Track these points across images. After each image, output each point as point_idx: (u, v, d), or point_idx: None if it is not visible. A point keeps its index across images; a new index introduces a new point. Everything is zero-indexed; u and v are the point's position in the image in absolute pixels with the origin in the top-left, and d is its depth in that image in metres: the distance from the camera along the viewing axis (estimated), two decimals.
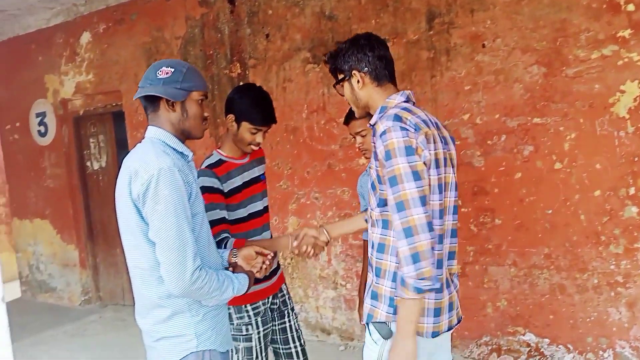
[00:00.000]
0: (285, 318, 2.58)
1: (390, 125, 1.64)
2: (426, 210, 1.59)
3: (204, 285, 1.70)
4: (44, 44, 5.93)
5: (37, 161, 6.17)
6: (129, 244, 1.79)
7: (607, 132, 3.03)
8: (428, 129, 1.69)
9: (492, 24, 3.31)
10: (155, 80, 1.78)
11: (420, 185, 1.60)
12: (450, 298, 1.79)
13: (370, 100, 1.84)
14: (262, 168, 2.58)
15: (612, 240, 3.08)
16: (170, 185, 1.66)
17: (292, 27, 4.18)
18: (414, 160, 1.61)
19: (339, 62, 1.86)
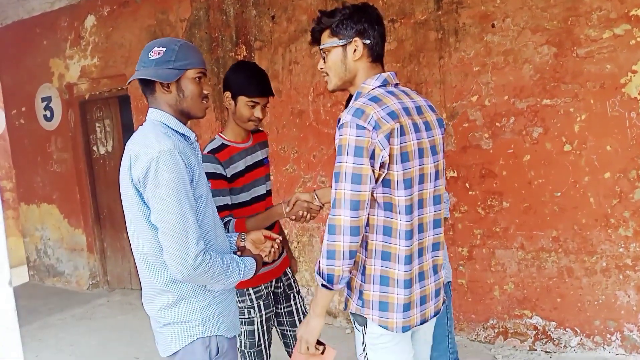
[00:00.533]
0: (291, 301, 2.58)
1: (349, 120, 1.59)
2: (356, 214, 1.59)
3: (208, 270, 1.67)
4: (48, 27, 5.90)
5: (44, 146, 6.18)
6: (133, 229, 1.76)
7: (618, 113, 2.99)
8: (393, 124, 1.60)
9: (501, 3, 3.25)
10: (148, 62, 1.73)
11: (357, 189, 1.58)
12: (423, 291, 1.76)
13: (357, 75, 1.75)
14: (266, 152, 2.55)
15: (621, 223, 3.05)
16: (170, 168, 1.62)
17: (298, 8, 4.14)
18: (360, 163, 1.58)
19: (340, 24, 1.73)
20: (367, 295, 1.71)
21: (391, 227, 1.66)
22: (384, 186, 1.64)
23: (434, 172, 1.74)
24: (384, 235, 1.68)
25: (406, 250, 1.67)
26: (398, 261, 1.67)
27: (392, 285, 1.69)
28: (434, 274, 1.80)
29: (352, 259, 1.63)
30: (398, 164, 1.62)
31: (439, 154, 1.78)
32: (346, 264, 1.62)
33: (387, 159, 1.60)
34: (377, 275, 1.70)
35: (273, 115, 4.38)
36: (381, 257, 1.69)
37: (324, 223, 4.20)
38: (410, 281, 1.70)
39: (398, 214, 1.65)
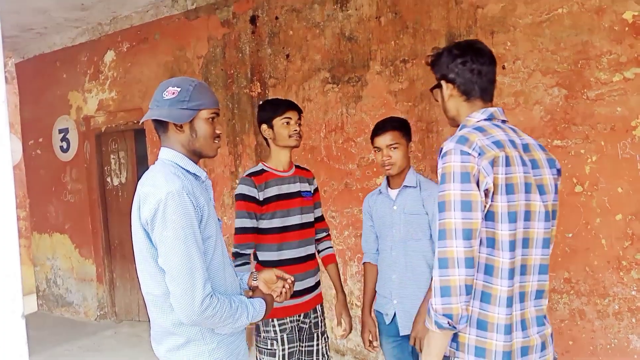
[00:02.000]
0: (313, 341, 2.56)
1: (452, 147, 1.55)
2: (469, 245, 1.49)
3: (215, 314, 1.63)
4: (68, 61, 6.06)
5: (59, 176, 6.27)
6: (142, 270, 1.74)
7: (629, 155, 2.99)
8: (498, 151, 1.55)
9: (512, 45, 3.31)
10: (162, 102, 1.74)
11: (469, 217, 1.50)
12: (526, 341, 1.60)
13: (457, 114, 1.77)
14: (307, 187, 2.65)
15: (633, 265, 3.02)
16: (178, 210, 1.60)
17: (312, 47, 4.23)
18: (468, 189, 1.50)
19: (434, 68, 1.79)
20: (462, 338, 1.59)
21: (493, 266, 1.55)
22: (487, 219, 1.54)
23: (543, 211, 1.63)
24: (485, 275, 1.56)
25: (507, 291, 1.55)
26: (499, 304, 1.55)
27: (490, 330, 1.56)
28: (539, 325, 1.65)
29: (469, 294, 1.51)
30: (502, 195, 1.54)
31: (549, 194, 1.67)
32: (464, 300, 1.49)
33: (492, 187, 1.52)
34: (475, 318, 1.58)
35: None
36: (480, 299, 1.57)
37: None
38: (510, 327, 1.57)
39: (501, 251, 1.54)
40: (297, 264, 2.53)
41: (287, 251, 2.50)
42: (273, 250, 2.48)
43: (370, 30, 3.93)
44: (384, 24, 3.86)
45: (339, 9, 4.07)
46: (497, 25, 3.35)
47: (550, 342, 1.68)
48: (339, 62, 4.10)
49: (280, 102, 2.58)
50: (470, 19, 3.46)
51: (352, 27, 4.01)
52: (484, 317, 1.57)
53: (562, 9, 3.13)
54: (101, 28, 5.71)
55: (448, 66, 1.73)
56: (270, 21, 4.47)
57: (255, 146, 4.63)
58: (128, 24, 5.47)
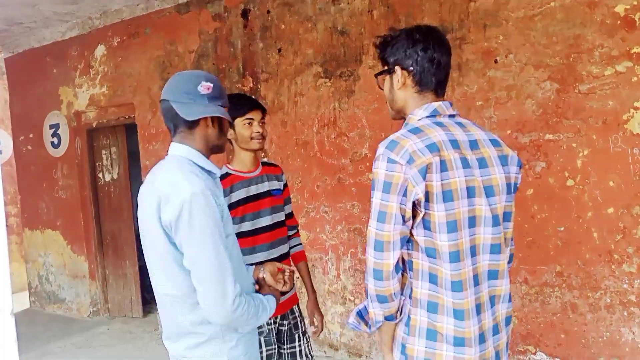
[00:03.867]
0: (295, 342, 2.50)
1: (381, 152, 1.47)
2: (380, 257, 1.46)
3: (245, 313, 1.62)
4: (59, 56, 6.01)
5: (50, 172, 6.22)
6: (158, 271, 1.69)
7: (621, 149, 3.00)
8: (430, 157, 1.43)
9: (504, 39, 3.31)
10: (199, 97, 1.68)
11: (381, 228, 1.45)
12: (483, 355, 1.52)
13: (405, 105, 1.62)
14: (276, 184, 2.52)
15: (625, 258, 3.03)
16: (204, 210, 1.56)
17: (304, 42, 4.21)
18: (387, 200, 1.44)
19: (386, 51, 1.62)
20: (410, 350, 1.53)
21: (437, 275, 1.48)
22: (425, 228, 1.47)
23: (489, 216, 1.51)
24: (430, 284, 1.49)
25: (454, 303, 1.47)
26: (447, 314, 1.48)
27: (440, 340, 1.49)
28: (495, 333, 1.57)
29: (383, 303, 1.48)
30: (439, 203, 1.44)
31: (499, 195, 1.54)
32: (377, 308, 1.50)
33: (422, 197, 1.43)
34: (423, 328, 1.51)
35: (278, 146, 4.41)
36: (427, 308, 1.50)
37: (326, 253, 4.20)
38: (464, 340, 1.48)
39: (442, 261, 1.46)
40: None
41: (260, 254, 2.39)
42: (245, 254, 2.34)
43: (363, 24, 3.91)
44: (376, 17, 3.84)
45: (331, 3, 4.05)
46: (490, 19, 3.35)
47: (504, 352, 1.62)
48: (331, 57, 4.08)
49: (243, 100, 2.44)
50: (463, 12, 3.46)
51: (345, 21, 3.99)
52: (432, 327, 1.51)
53: (554, 3, 3.13)
54: (91, 22, 5.66)
55: (406, 52, 1.57)
56: (262, 15, 4.44)
57: None
58: (118, 17, 5.43)
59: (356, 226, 4.06)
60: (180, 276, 1.63)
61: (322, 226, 4.23)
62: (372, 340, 4.04)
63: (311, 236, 4.28)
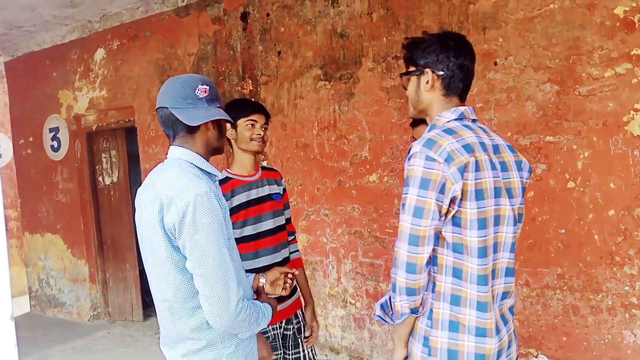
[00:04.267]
0: (299, 347, 2.50)
1: (418, 150, 1.52)
2: (414, 251, 1.51)
3: (246, 317, 1.61)
4: (58, 60, 6.01)
5: (50, 176, 6.22)
6: (157, 275, 1.67)
7: (622, 150, 3.00)
8: (467, 157, 1.51)
9: (504, 41, 3.30)
10: (198, 101, 1.67)
11: (418, 224, 1.50)
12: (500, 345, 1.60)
13: (430, 107, 1.69)
14: (276, 188, 2.52)
15: (626, 260, 3.02)
16: (208, 212, 1.56)
17: (304, 44, 4.21)
18: (424, 196, 1.49)
19: (416, 53, 1.68)
20: (433, 342, 1.58)
21: (461, 270, 1.55)
22: (454, 225, 1.54)
23: (511, 215, 1.62)
24: (454, 278, 1.57)
25: (479, 296, 1.55)
26: (469, 306, 1.55)
27: (462, 331, 1.56)
28: (505, 324, 1.66)
29: (411, 295, 1.54)
30: (472, 201, 1.52)
31: (516, 198, 1.65)
32: (404, 300, 1.55)
33: (459, 194, 1.50)
34: (446, 321, 1.58)
35: (278, 148, 4.41)
36: (450, 301, 1.57)
37: (327, 256, 4.19)
38: (485, 331, 1.56)
39: (469, 257, 1.54)
40: None
41: (263, 258, 2.39)
42: (248, 258, 2.36)
43: (362, 26, 3.91)
44: (376, 20, 3.84)
45: (331, 5, 4.05)
46: (489, 21, 3.34)
47: (514, 339, 1.71)
48: (330, 59, 4.08)
49: (248, 102, 2.47)
50: (462, 14, 3.45)
51: (344, 24, 3.99)
52: (455, 319, 1.57)
53: (553, 5, 3.13)
54: (91, 25, 5.66)
55: (438, 56, 1.65)
56: (261, 18, 4.44)
57: None
58: (118, 21, 5.43)
59: (357, 229, 4.05)
60: (180, 281, 1.62)
61: (322, 229, 4.22)
62: (374, 344, 4.03)
63: (311, 239, 4.28)
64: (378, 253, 3.94)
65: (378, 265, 3.96)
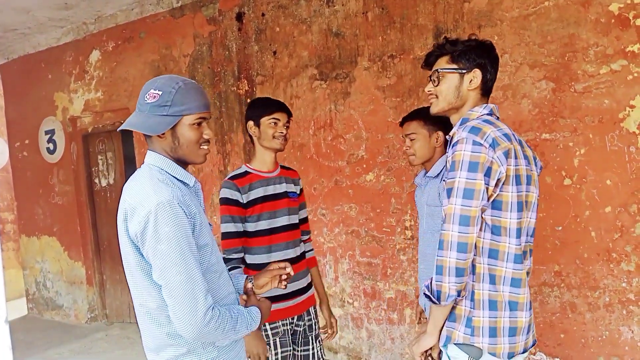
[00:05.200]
0: (309, 345, 2.53)
1: (465, 136, 1.63)
2: (465, 230, 1.59)
3: (218, 327, 1.56)
4: (53, 62, 5.99)
5: (46, 178, 6.20)
6: (133, 283, 1.64)
7: (618, 147, 3.00)
8: (510, 144, 1.66)
9: (499, 39, 3.30)
10: (143, 106, 1.61)
11: (469, 204, 1.59)
12: (528, 320, 1.75)
13: (466, 104, 1.83)
14: (293, 187, 2.59)
15: (623, 257, 3.02)
16: (170, 221, 1.50)
17: (299, 44, 4.20)
18: (474, 178, 1.59)
19: (463, 53, 1.82)
20: (477, 322, 1.69)
21: (498, 250, 1.67)
22: (494, 208, 1.65)
23: (536, 202, 1.78)
24: (489, 258, 1.68)
25: (514, 273, 1.68)
26: (504, 283, 1.68)
27: (500, 309, 1.68)
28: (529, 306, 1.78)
29: (460, 276, 1.61)
30: (512, 185, 1.65)
31: (537, 188, 1.81)
32: (453, 281, 1.61)
33: (504, 177, 1.62)
34: (486, 300, 1.69)
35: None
36: (489, 281, 1.69)
37: (324, 256, 4.19)
38: (517, 305, 1.70)
39: (507, 237, 1.66)
40: None
41: (276, 253, 2.44)
42: (262, 253, 2.43)
43: (357, 25, 3.90)
44: (371, 19, 3.84)
45: (326, 5, 4.04)
46: (484, 19, 3.35)
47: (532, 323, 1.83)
48: (326, 59, 4.08)
49: (272, 102, 2.53)
50: (457, 13, 3.45)
51: (339, 23, 3.99)
52: (493, 298, 1.69)
53: (548, 2, 3.13)
54: (86, 27, 5.65)
55: (486, 60, 1.82)
56: (256, 18, 4.43)
57: (244, 144, 4.60)
58: (113, 22, 5.42)
59: (354, 228, 4.05)
60: (152, 288, 1.58)
61: (319, 229, 4.22)
62: (372, 343, 4.03)
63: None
64: (375, 252, 3.94)
65: (375, 264, 3.95)
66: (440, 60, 1.87)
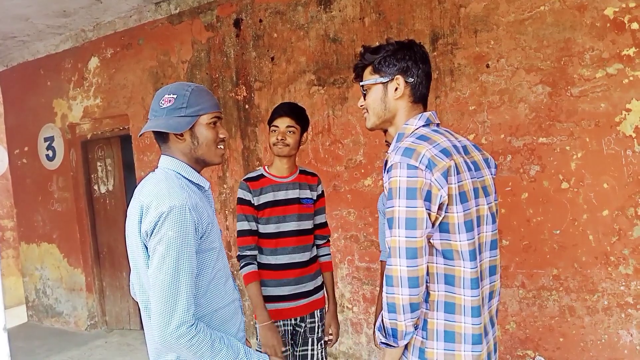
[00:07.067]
0: (308, 345, 2.56)
1: (398, 160, 1.48)
2: (413, 264, 1.45)
3: (192, 346, 1.51)
4: (52, 69, 6.01)
5: (45, 185, 6.21)
6: (139, 284, 1.66)
7: (614, 151, 3.01)
8: (447, 161, 1.50)
9: (495, 44, 3.31)
10: (159, 111, 1.65)
11: (412, 235, 1.45)
12: (488, 347, 1.60)
13: (397, 115, 1.67)
14: (308, 193, 2.62)
15: (621, 260, 3.03)
16: (176, 227, 1.52)
17: (297, 50, 4.21)
18: (414, 206, 1.45)
19: (382, 61, 1.65)
20: (430, 354, 1.55)
21: (454, 276, 1.53)
22: (442, 231, 1.51)
23: (489, 214, 1.62)
24: (446, 285, 1.53)
25: (473, 300, 1.52)
26: (464, 313, 1.53)
27: (458, 341, 1.53)
28: (492, 326, 1.66)
29: (414, 311, 1.49)
30: (457, 205, 1.49)
31: (491, 195, 1.66)
32: (409, 318, 1.48)
33: (446, 199, 1.47)
34: (441, 331, 1.54)
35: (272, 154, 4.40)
36: (444, 310, 1.54)
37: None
38: (480, 337, 1.54)
39: (462, 261, 1.51)
40: (292, 269, 2.54)
41: (282, 256, 2.51)
42: (269, 254, 2.52)
43: (355, 31, 3.92)
44: (368, 24, 3.85)
45: (323, 11, 4.06)
46: (480, 24, 3.36)
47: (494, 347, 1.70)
48: (324, 64, 4.09)
49: (276, 109, 2.58)
50: (454, 18, 3.47)
51: (336, 29, 4.00)
52: (450, 329, 1.54)
53: (544, 7, 3.14)
54: (84, 34, 5.66)
55: (407, 62, 1.63)
56: (254, 24, 4.45)
57: (242, 150, 4.61)
58: (111, 29, 5.43)
59: (352, 233, 4.05)
60: None
61: None
62: (371, 348, 4.02)
63: None
64: (374, 257, 3.94)
65: (374, 269, 3.95)
66: (365, 72, 1.72)
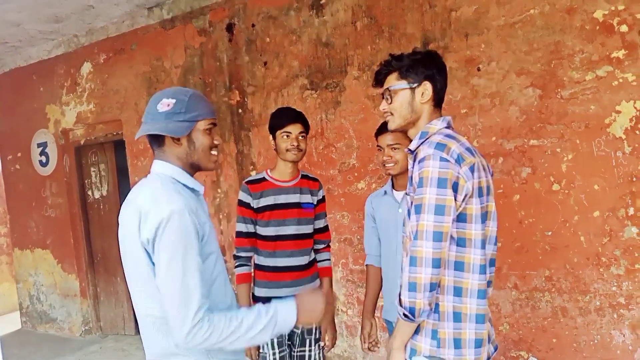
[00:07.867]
0: (305, 346, 2.59)
1: (431, 153, 1.65)
2: (438, 246, 1.61)
3: (209, 336, 1.52)
4: (45, 74, 6.00)
5: (39, 191, 6.19)
6: (140, 291, 1.64)
7: (605, 152, 3.03)
8: (474, 158, 1.70)
9: (486, 47, 3.34)
10: (157, 115, 1.64)
11: (440, 220, 1.62)
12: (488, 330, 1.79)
13: (421, 118, 1.84)
14: (308, 198, 2.65)
15: (612, 261, 3.05)
16: (179, 231, 1.52)
17: (290, 54, 4.23)
18: (443, 194, 1.62)
19: (412, 67, 1.82)
20: (442, 334, 1.72)
21: (463, 262, 1.70)
22: (459, 221, 1.68)
23: (494, 211, 1.81)
24: (455, 271, 1.71)
25: (480, 284, 1.71)
26: (470, 295, 1.71)
27: (464, 320, 1.71)
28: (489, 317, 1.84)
29: (433, 291, 1.64)
30: (476, 198, 1.69)
31: (492, 195, 1.83)
32: (427, 297, 1.62)
33: (470, 192, 1.66)
34: (450, 312, 1.71)
35: (266, 158, 4.42)
36: (453, 293, 1.71)
37: None
38: (483, 317, 1.73)
39: (472, 248, 1.69)
40: (290, 272, 2.56)
41: (280, 259, 2.55)
42: (267, 256, 2.56)
43: (347, 35, 3.94)
44: (360, 28, 3.87)
45: (315, 15, 4.08)
46: (471, 28, 3.38)
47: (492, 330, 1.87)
48: (316, 68, 4.10)
49: (284, 114, 2.59)
50: (445, 22, 3.49)
51: (329, 33, 4.02)
52: (457, 310, 1.72)
53: (534, 10, 3.17)
54: (77, 40, 5.66)
55: (433, 70, 1.82)
56: (246, 29, 4.46)
57: (236, 154, 4.62)
58: (104, 35, 5.43)
59: (346, 236, 4.06)
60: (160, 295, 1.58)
61: None
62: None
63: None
64: None
65: None
66: (389, 78, 1.87)
